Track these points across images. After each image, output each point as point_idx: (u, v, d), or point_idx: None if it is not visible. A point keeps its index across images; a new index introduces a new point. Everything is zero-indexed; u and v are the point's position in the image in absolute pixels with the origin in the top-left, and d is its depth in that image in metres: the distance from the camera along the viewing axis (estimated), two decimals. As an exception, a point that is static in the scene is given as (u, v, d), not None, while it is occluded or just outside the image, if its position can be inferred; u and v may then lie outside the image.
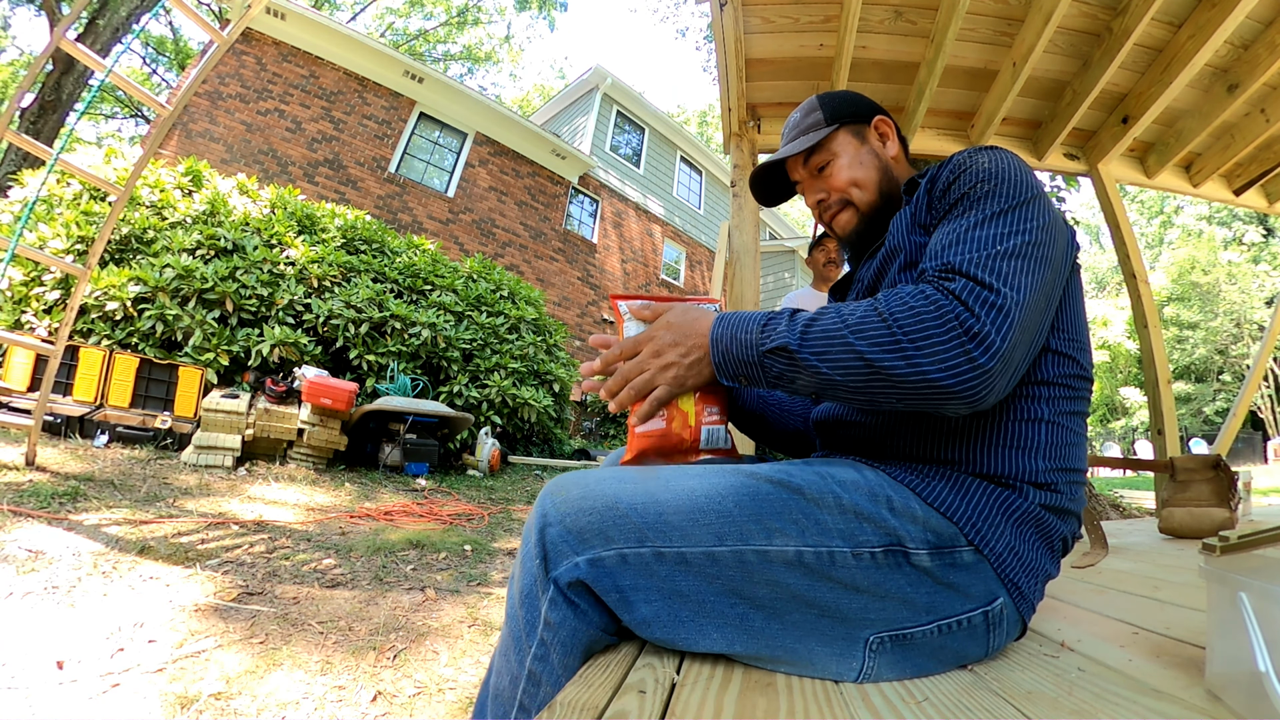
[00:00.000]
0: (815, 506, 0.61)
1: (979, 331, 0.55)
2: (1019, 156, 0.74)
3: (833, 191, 0.88)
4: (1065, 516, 0.68)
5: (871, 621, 0.60)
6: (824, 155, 0.88)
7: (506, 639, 0.64)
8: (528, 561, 0.63)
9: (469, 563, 2.39)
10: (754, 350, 0.64)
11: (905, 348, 0.56)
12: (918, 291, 0.59)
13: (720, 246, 3.03)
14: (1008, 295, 0.57)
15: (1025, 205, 0.65)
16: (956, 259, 0.61)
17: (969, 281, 0.58)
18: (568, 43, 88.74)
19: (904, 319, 0.57)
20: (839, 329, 0.60)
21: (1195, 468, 1.89)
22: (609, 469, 0.68)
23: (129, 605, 1.59)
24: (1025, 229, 0.63)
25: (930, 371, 0.55)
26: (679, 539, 0.60)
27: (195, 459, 3.32)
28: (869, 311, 0.59)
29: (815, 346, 0.60)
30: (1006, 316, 0.56)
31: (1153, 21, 2.27)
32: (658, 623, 0.61)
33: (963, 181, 0.71)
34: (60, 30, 2.27)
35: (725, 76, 2.53)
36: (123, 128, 17.46)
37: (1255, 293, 18.80)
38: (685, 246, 12.92)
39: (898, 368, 0.56)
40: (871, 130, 0.90)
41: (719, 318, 0.69)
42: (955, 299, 0.57)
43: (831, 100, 0.90)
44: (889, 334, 0.57)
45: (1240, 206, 3.37)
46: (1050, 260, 0.64)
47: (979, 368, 0.55)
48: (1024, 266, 0.60)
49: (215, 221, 4.54)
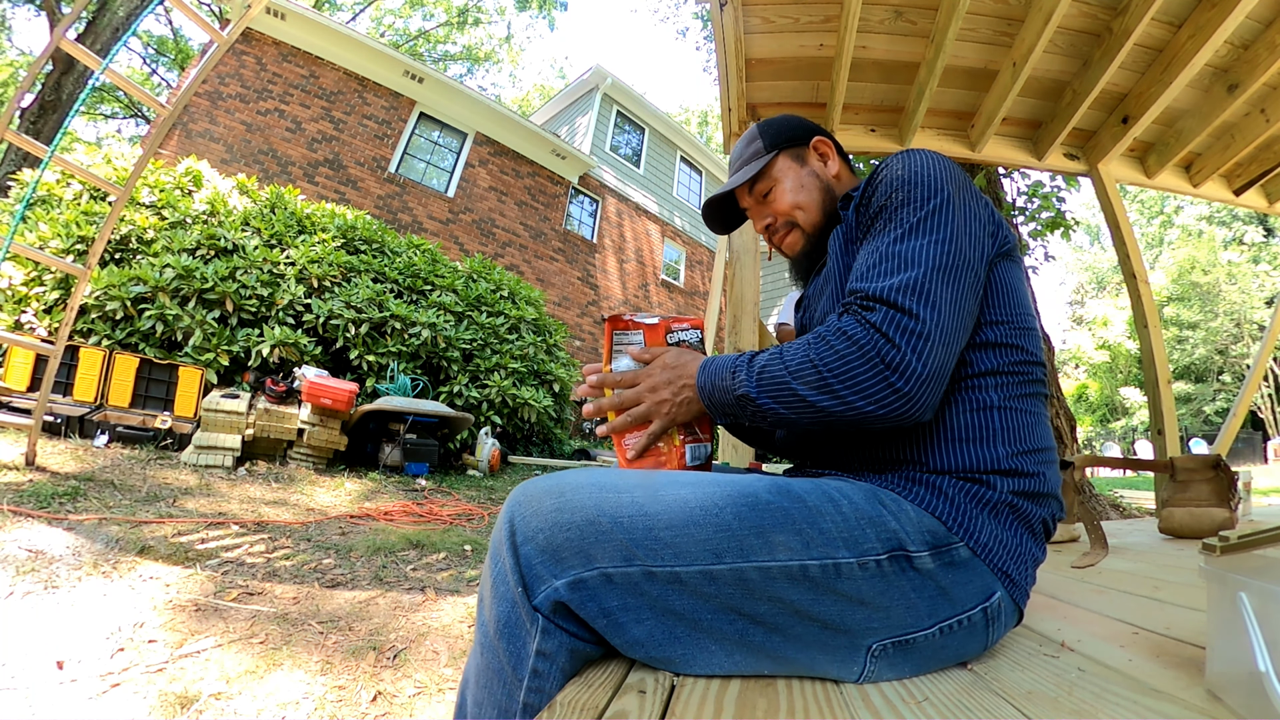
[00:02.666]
0: (816, 514, 0.60)
1: (899, 362, 0.59)
2: (937, 154, 0.75)
3: (778, 216, 0.91)
4: (1040, 500, 0.69)
5: (875, 630, 0.59)
6: (767, 182, 0.91)
7: (483, 670, 0.59)
8: (501, 584, 0.58)
9: (469, 563, 2.39)
10: (730, 395, 0.68)
11: (835, 388, 0.61)
12: (840, 332, 0.63)
13: (720, 246, 3.03)
14: (926, 318, 0.61)
15: (938, 210, 0.67)
16: (874, 286, 0.64)
17: (887, 310, 0.61)
18: (568, 43, 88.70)
19: (831, 362, 0.61)
20: (783, 376, 0.64)
21: (1195, 468, 1.89)
22: (586, 471, 0.65)
23: (129, 605, 1.59)
24: (940, 237, 0.65)
25: (861, 405, 0.60)
26: (671, 557, 0.57)
27: (195, 459, 3.32)
28: (804, 358, 0.63)
29: (769, 391, 0.65)
30: (925, 340, 0.60)
31: (1153, 21, 2.27)
32: (652, 642, 0.58)
33: (880, 193, 0.73)
34: (60, 30, 2.27)
35: (725, 76, 2.53)
36: (123, 128, 17.46)
37: (1255, 293, 18.80)
38: (685, 246, 12.92)
39: (834, 406, 0.62)
40: (811, 151, 0.92)
41: (702, 365, 0.73)
42: (875, 331, 0.60)
43: (770, 127, 0.93)
44: (820, 378, 0.62)
45: (1240, 206, 3.36)
46: (970, 262, 0.66)
47: (903, 395, 0.59)
48: (941, 280, 0.63)
49: (215, 221, 4.54)
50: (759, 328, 2.54)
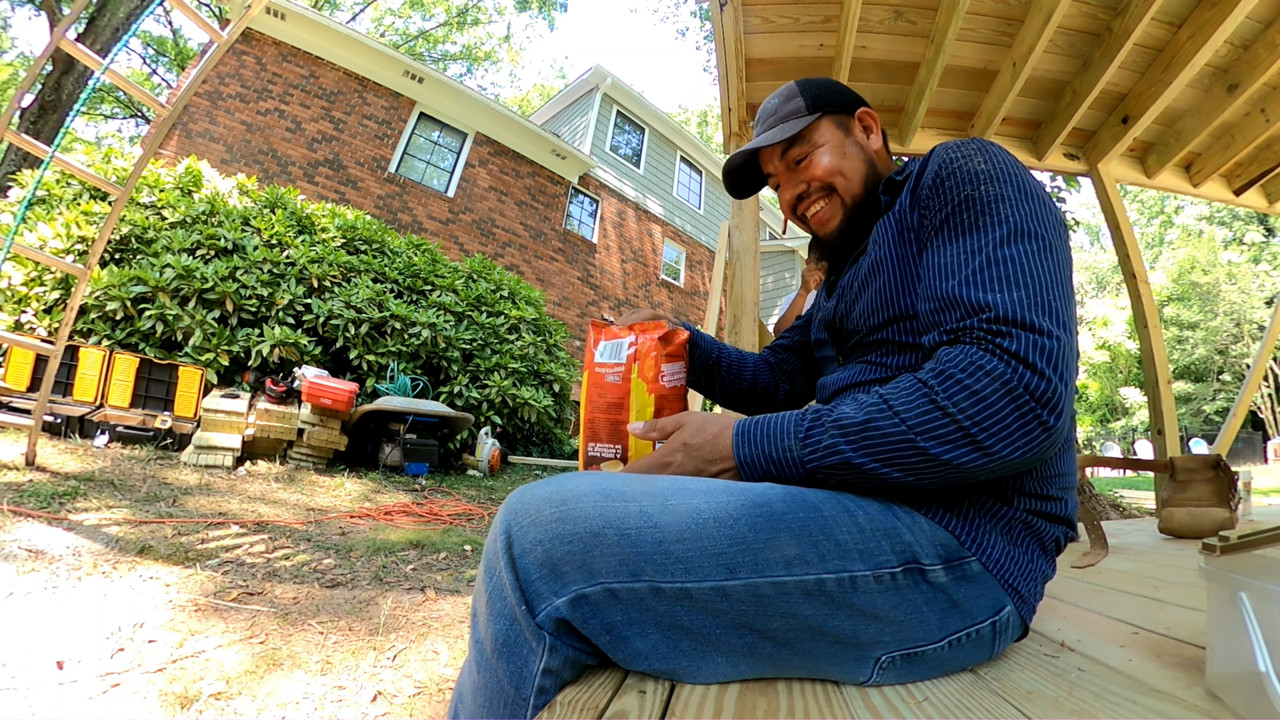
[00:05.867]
0: (832, 525, 0.57)
1: (1048, 394, 0.52)
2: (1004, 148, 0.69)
3: (814, 181, 0.80)
4: (1055, 521, 0.67)
5: (886, 643, 0.58)
6: (804, 147, 0.80)
7: (480, 689, 0.55)
8: (499, 600, 0.54)
9: (469, 563, 2.39)
10: (800, 467, 0.59)
11: (979, 438, 0.52)
12: (973, 366, 0.53)
13: (720, 246, 3.02)
14: (1061, 338, 0.53)
15: (1039, 212, 0.61)
16: (997, 301, 0.55)
17: (1024, 333, 0.53)
18: (568, 42, 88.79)
19: (971, 409, 0.52)
20: (900, 432, 0.54)
21: (1195, 468, 1.89)
22: (589, 477, 0.59)
23: (129, 605, 1.59)
24: (1050, 242, 0.59)
25: (1009, 454, 0.53)
26: (682, 573, 0.53)
27: (195, 459, 3.32)
28: (927, 405, 0.54)
29: (880, 454, 0.55)
30: (1066, 361, 0.53)
31: (1153, 21, 2.27)
32: (656, 655, 0.55)
33: (957, 182, 0.64)
34: (60, 30, 2.27)
35: (725, 76, 2.53)
36: (123, 128, 17.48)
37: (1255, 293, 18.81)
38: (685, 246, 12.92)
39: (975, 460, 0.53)
40: (855, 121, 0.83)
41: (738, 432, 0.63)
42: (1017, 362, 0.52)
43: (813, 87, 0.82)
44: (959, 430, 0.52)
45: (1240, 206, 3.36)
46: (1071, 272, 0.61)
47: (1053, 431, 0.53)
48: (1063, 293, 0.57)
49: (215, 221, 4.54)
50: (759, 328, 2.54)
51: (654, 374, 0.80)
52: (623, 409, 0.79)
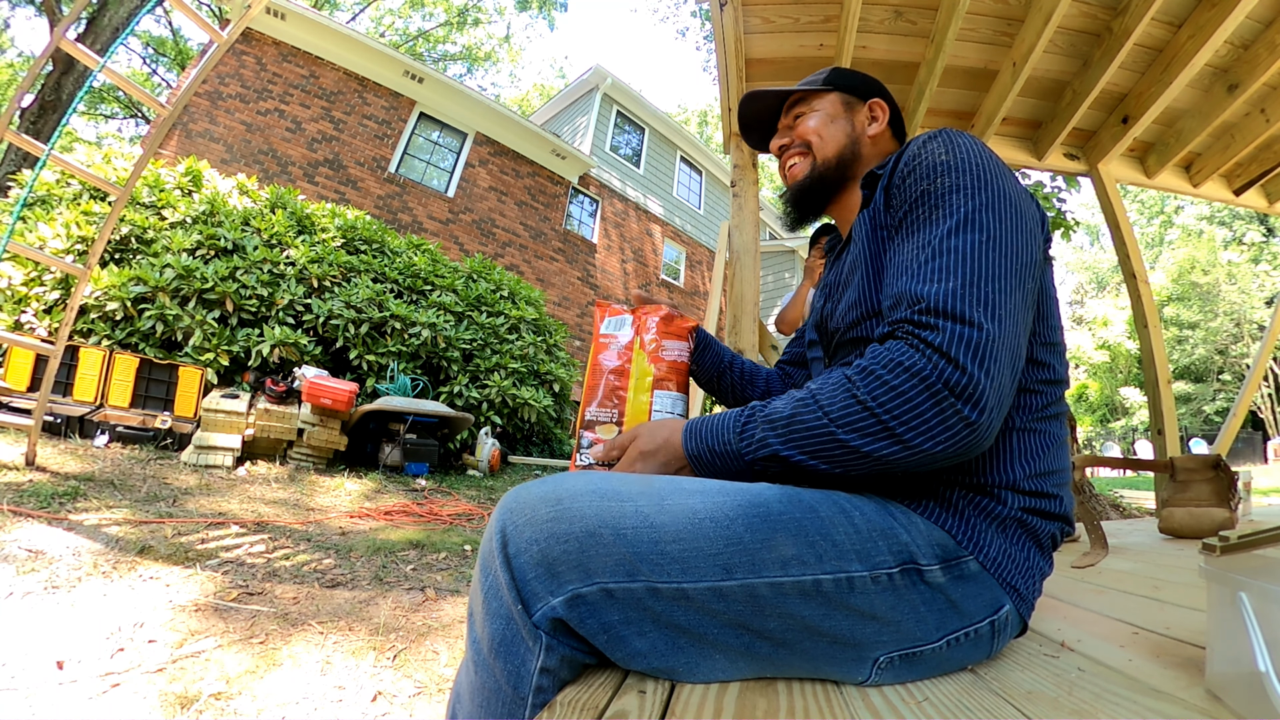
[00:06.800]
0: (829, 525, 0.57)
1: (968, 389, 0.51)
2: (974, 136, 0.69)
3: (797, 138, 0.90)
4: (1050, 518, 0.66)
5: (884, 643, 0.58)
6: (805, 106, 0.91)
7: (478, 689, 0.55)
8: (495, 600, 0.54)
9: (469, 563, 2.39)
10: (739, 460, 0.61)
11: (898, 432, 0.53)
12: (893, 362, 0.54)
13: (720, 246, 3.02)
14: (990, 330, 0.53)
15: (994, 202, 0.60)
16: (929, 292, 0.56)
17: (950, 324, 0.53)
18: (568, 42, 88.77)
19: (889, 402, 0.53)
20: (823, 425, 0.56)
21: (1195, 468, 1.89)
22: (584, 476, 0.59)
23: (129, 605, 1.59)
24: (998, 234, 0.58)
25: (929, 448, 0.53)
26: (679, 573, 0.53)
27: (195, 459, 3.32)
28: (848, 399, 0.55)
29: (805, 445, 0.57)
30: (994, 358, 0.53)
31: (1153, 21, 2.27)
32: (654, 654, 0.55)
33: (918, 178, 0.65)
34: (60, 30, 2.27)
35: (725, 76, 2.53)
36: (123, 128, 17.48)
37: (1255, 293, 18.82)
38: (685, 246, 12.92)
39: (894, 453, 0.54)
40: (864, 107, 0.91)
41: (687, 430, 0.66)
42: (939, 356, 0.52)
43: (840, 72, 0.94)
44: (877, 423, 0.54)
45: (1240, 206, 3.36)
46: (1027, 264, 0.59)
47: (975, 426, 0.52)
48: (1004, 286, 0.56)
49: (215, 221, 4.54)
50: (759, 327, 2.54)
51: (655, 346, 0.86)
52: (623, 374, 0.84)
